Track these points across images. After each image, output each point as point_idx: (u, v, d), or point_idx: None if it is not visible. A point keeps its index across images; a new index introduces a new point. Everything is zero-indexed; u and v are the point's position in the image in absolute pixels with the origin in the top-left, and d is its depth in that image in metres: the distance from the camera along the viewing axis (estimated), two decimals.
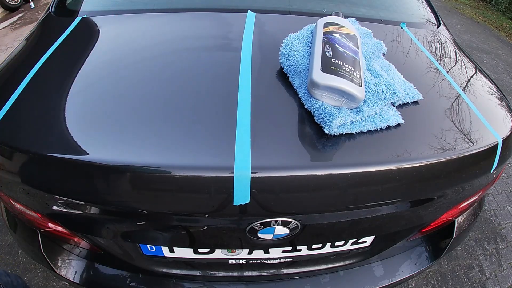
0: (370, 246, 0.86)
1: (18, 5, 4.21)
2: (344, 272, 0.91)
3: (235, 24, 0.83)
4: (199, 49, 0.75)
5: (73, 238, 0.79)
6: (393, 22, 0.98)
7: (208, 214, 0.59)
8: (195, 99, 0.62)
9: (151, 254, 0.78)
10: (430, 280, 1.48)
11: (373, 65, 0.72)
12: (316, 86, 0.59)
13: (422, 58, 0.86)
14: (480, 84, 0.84)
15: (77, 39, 0.75)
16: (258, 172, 0.51)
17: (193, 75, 0.67)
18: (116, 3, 0.93)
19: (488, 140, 0.66)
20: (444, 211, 0.79)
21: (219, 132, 0.56)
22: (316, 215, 0.65)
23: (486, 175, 0.71)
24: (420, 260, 0.95)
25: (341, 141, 0.58)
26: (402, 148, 0.59)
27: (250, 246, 0.74)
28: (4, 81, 0.70)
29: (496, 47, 4.42)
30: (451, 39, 1.02)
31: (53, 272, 0.82)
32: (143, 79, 0.66)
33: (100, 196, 0.57)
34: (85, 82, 0.66)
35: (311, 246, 0.80)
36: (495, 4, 6.39)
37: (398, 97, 0.65)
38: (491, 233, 1.74)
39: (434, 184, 0.65)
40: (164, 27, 0.83)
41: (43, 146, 0.55)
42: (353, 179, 0.56)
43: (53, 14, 0.92)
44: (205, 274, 0.85)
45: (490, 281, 1.51)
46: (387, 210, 0.67)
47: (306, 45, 0.71)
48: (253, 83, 0.65)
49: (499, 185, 2.04)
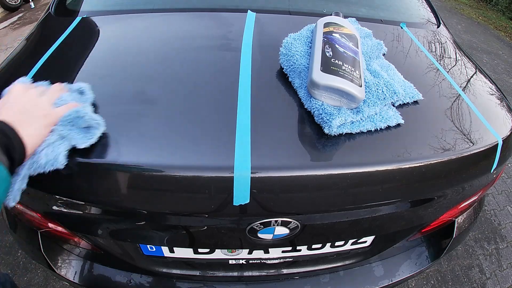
0: (370, 246, 0.86)
1: (18, 5, 4.21)
2: (344, 272, 0.91)
3: (235, 24, 0.83)
4: (199, 49, 0.75)
5: (73, 238, 0.79)
6: (393, 22, 0.98)
7: (208, 214, 0.59)
8: (195, 99, 0.62)
9: (151, 254, 0.78)
10: (430, 280, 1.48)
11: (373, 65, 0.72)
12: (316, 86, 0.59)
13: (422, 58, 0.86)
14: (480, 84, 0.84)
15: (77, 39, 0.75)
16: (258, 172, 0.51)
17: (193, 75, 0.67)
18: (116, 3, 0.93)
19: (488, 140, 0.66)
20: (444, 211, 0.79)
21: (219, 132, 0.56)
22: (316, 215, 0.65)
23: (486, 175, 0.71)
24: (420, 260, 0.95)
25: (341, 141, 0.58)
26: (402, 148, 0.59)
27: (250, 246, 0.74)
28: (4, 81, 0.70)
29: (496, 47, 4.42)
30: (451, 39, 1.02)
31: (53, 272, 0.82)
32: (143, 79, 0.66)
33: (100, 196, 0.57)
34: (85, 81, 0.66)
35: (311, 246, 0.80)
36: (495, 4, 6.39)
37: (398, 97, 0.65)
38: (491, 233, 1.74)
39: (434, 184, 0.65)
40: (164, 27, 0.83)
41: None
42: (353, 179, 0.56)
43: (53, 14, 0.92)
44: (205, 274, 0.85)
45: (490, 281, 1.51)
46: (387, 210, 0.67)
47: (306, 45, 0.71)
48: (253, 83, 0.65)
49: (499, 185, 2.04)
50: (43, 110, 0.48)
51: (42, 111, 0.48)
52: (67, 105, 0.51)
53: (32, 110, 0.47)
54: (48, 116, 0.48)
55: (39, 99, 0.49)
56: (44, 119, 0.47)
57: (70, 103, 0.52)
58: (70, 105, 0.52)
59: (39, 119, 0.47)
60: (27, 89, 0.50)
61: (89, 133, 0.51)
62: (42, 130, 0.47)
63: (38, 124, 0.46)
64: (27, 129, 0.44)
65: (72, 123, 0.50)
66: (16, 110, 0.46)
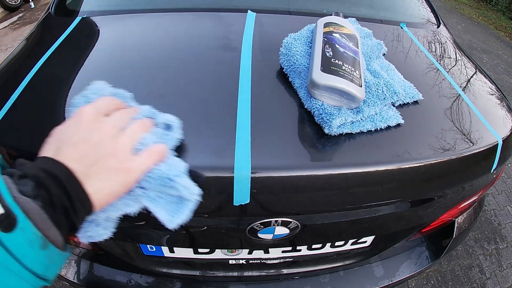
0: (370, 246, 0.86)
1: (18, 5, 4.21)
2: (344, 272, 0.91)
3: (235, 24, 0.83)
4: (199, 49, 0.75)
5: (73, 238, 0.79)
6: (393, 22, 0.98)
7: (208, 214, 0.59)
8: (194, 99, 0.62)
9: (151, 254, 0.78)
10: (430, 280, 1.48)
11: (373, 65, 0.72)
12: (316, 86, 0.59)
13: (422, 58, 0.86)
14: (480, 84, 0.84)
15: (77, 39, 0.75)
16: (258, 172, 0.51)
17: (192, 75, 0.67)
18: (116, 3, 0.93)
19: (488, 140, 0.66)
20: (444, 211, 0.79)
21: (219, 132, 0.56)
22: (316, 215, 0.65)
23: (486, 175, 0.71)
24: (420, 260, 0.95)
25: (341, 141, 0.58)
26: (402, 148, 0.59)
27: (250, 246, 0.74)
28: (4, 81, 0.70)
29: (496, 47, 4.42)
30: (451, 39, 1.02)
31: None
32: (143, 79, 0.66)
33: None
34: (85, 82, 0.66)
35: (311, 246, 0.80)
36: (495, 4, 6.39)
37: (398, 97, 0.65)
38: (491, 233, 1.74)
39: (434, 184, 0.65)
40: (164, 27, 0.83)
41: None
42: (353, 179, 0.56)
43: (53, 14, 0.92)
44: (205, 274, 0.85)
45: (490, 281, 1.51)
46: (387, 210, 0.68)
47: (306, 45, 0.71)
48: (253, 83, 0.65)
49: (499, 185, 2.04)
50: (123, 160, 0.33)
51: (122, 162, 0.32)
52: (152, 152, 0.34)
53: (107, 158, 0.32)
54: (130, 171, 0.33)
55: (117, 140, 0.33)
56: (123, 174, 0.32)
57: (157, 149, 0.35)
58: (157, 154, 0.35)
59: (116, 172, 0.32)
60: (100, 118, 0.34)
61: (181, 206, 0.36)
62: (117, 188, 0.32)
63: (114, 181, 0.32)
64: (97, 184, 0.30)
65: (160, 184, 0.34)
66: (83, 152, 0.31)
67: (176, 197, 0.37)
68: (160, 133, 0.41)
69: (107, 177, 0.31)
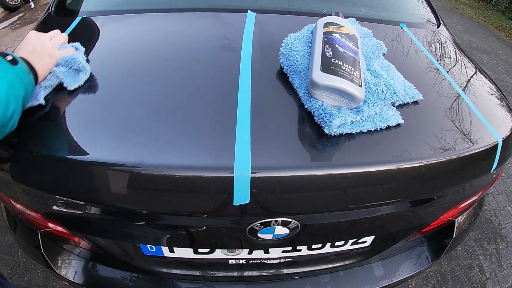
0: (370, 246, 0.86)
1: (18, 5, 4.20)
2: (344, 272, 0.91)
3: (235, 24, 0.83)
4: (199, 49, 0.75)
5: (73, 238, 0.79)
6: (393, 22, 0.98)
7: (208, 214, 0.59)
8: (194, 99, 0.62)
9: (151, 254, 0.78)
10: (430, 280, 1.48)
11: (373, 65, 0.72)
12: (316, 86, 0.59)
13: (422, 58, 0.86)
14: (480, 84, 0.84)
15: (77, 39, 0.74)
16: (258, 172, 0.51)
17: (193, 75, 0.67)
18: (116, 3, 0.93)
19: (488, 140, 0.66)
20: (444, 211, 0.79)
21: (219, 132, 0.56)
22: (316, 215, 0.65)
23: (486, 175, 0.71)
24: (420, 260, 0.95)
25: (341, 141, 0.58)
26: (402, 148, 0.59)
27: (250, 246, 0.74)
28: None
29: (496, 47, 4.42)
30: (451, 39, 1.02)
31: (53, 272, 0.82)
32: (143, 79, 0.66)
33: (100, 196, 0.57)
34: (84, 81, 0.66)
35: (311, 246, 0.80)
36: (495, 4, 6.40)
37: (398, 97, 0.65)
38: (491, 233, 1.74)
39: (434, 184, 0.65)
40: (164, 27, 0.83)
41: (44, 146, 0.55)
42: (353, 179, 0.56)
43: (53, 14, 0.92)
44: (205, 274, 0.85)
45: (490, 281, 1.51)
46: (387, 210, 0.68)
47: (306, 45, 0.71)
48: (253, 83, 0.65)
49: (499, 185, 2.04)
50: (50, 51, 0.63)
51: (49, 51, 0.62)
52: (67, 50, 0.67)
53: (42, 51, 0.61)
54: (53, 56, 0.63)
55: (48, 42, 0.63)
56: (49, 57, 0.62)
57: (70, 49, 0.67)
58: (69, 51, 0.67)
59: (46, 57, 0.61)
60: (40, 35, 0.65)
61: (78, 76, 0.64)
62: (47, 66, 0.62)
63: (45, 61, 0.61)
64: (38, 63, 0.59)
65: (68, 65, 0.64)
66: (31, 49, 0.60)
67: (75, 70, 0.64)
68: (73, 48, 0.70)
69: (43, 60, 0.60)
